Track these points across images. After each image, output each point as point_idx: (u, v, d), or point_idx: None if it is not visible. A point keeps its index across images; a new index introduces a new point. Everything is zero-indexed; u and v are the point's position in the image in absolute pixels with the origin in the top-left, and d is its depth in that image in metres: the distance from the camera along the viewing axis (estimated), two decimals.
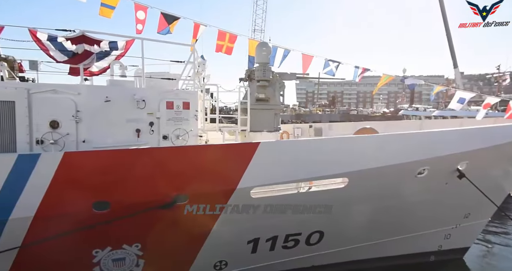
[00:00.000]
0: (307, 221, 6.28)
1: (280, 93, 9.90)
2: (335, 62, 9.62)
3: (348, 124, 14.21)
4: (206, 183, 5.21)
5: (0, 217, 4.35)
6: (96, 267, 5.16)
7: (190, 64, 7.17)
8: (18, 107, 5.10)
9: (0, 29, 5.26)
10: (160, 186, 4.99)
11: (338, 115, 55.16)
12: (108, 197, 4.78)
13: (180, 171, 5.11)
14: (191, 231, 5.43)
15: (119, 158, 4.92)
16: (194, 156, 5.30)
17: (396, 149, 5.97)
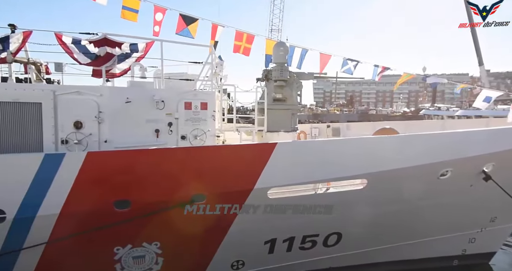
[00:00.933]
0: (325, 223, 6.21)
1: (297, 93, 9.85)
2: (354, 61, 9.47)
3: (367, 124, 13.93)
4: (224, 183, 5.25)
5: (29, 214, 4.53)
6: (117, 264, 5.30)
7: (208, 65, 7.24)
8: (45, 108, 5.31)
9: (28, 34, 5.49)
10: (178, 185, 5.07)
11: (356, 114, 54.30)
12: (129, 196, 4.90)
13: (197, 171, 5.17)
14: (209, 231, 5.48)
15: (139, 158, 5.03)
16: (211, 156, 5.35)
17: (418, 150, 5.80)
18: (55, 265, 5.00)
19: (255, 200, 5.39)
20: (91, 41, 5.78)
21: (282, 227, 5.99)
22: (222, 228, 5.56)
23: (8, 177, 4.48)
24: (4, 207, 4.43)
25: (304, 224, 6.11)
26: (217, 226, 5.50)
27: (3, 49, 5.30)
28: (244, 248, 5.94)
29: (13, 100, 5.15)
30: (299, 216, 5.88)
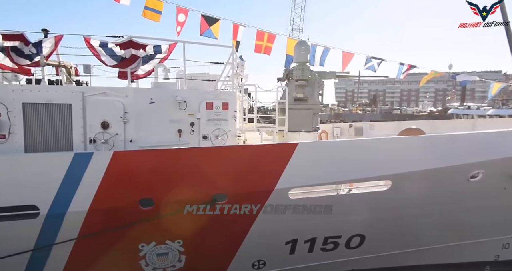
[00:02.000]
0: (347, 224, 6.09)
1: (319, 92, 9.72)
2: (378, 59, 9.23)
3: (391, 124, 13.53)
4: (245, 183, 5.26)
5: (60, 210, 4.74)
6: (142, 260, 5.44)
7: (229, 65, 7.29)
8: (74, 109, 5.54)
9: (59, 38, 5.75)
10: (200, 185, 5.14)
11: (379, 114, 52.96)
12: (152, 194, 5.02)
13: (219, 171, 5.21)
14: (230, 230, 5.52)
15: (163, 157, 5.14)
16: (232, 156, 5.38)
17: (446, 150, 5.57)
18: (83, 261, 5.20)
19: (276, 200, 5.37)
20: (117, 44, 5.98)
21: (303, 228, 5.93)
22: (243, 228, 5.58)
23: (41, 175, 4.71)
24: (38, 203, 4.65)
25: (326, 225, 6.02)
26: (238, 226, 5.53)
27: (37, 53, 5.58)
28: (265, 248, 5.93)
29: (46, 101, 5.40)
30: (321, 217, 5.80)
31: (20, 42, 5.52)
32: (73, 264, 5.18)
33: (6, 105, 5.21)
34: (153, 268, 5.53)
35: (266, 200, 5.32)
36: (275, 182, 5.25)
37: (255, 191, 5.27)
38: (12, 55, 5.46)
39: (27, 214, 4.62)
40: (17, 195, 4.61)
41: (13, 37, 5.49)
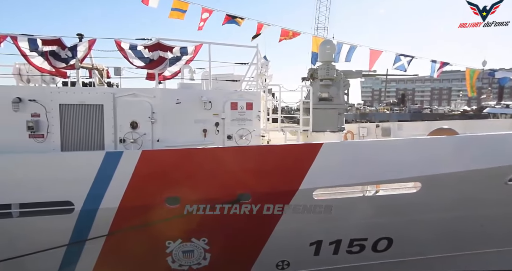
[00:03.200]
0: (373, 227, 5.93)
1: (344, 92, 9.54)
2: (407, 57, 8.89)
3: (421, 124, 13.03)
4: (269, 183, 5.27)
5: (93, 206, 4.97)
6: (169, 257, 5.59)
7: (254, 65, 7.32)
8: (106, 109, 5.79)
9: (93, 42, 6.04)
10: (224, 184, 5.20)
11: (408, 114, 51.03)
12: (179, 193, 5.14)
13: (243, 170, 5.25)
14: (254, 229, 5.55)
15: (188, 157, 5.25)
16: (256, 156, 5.40)
17: (481, 152, 5.29)
18: (114, 256, 5.41)
19: (300, 200, 5.33)
20: (145, 46, 6.18)
21: (328, 229, 5.85)
22: (267, 228, 5.58)
23: (76, 172, 4.97)
24: (72, 199, 4.90)
25: (351, 227, 5.90)
26: (262, 225, 5.54)
27: (72, 56, 5.89)
28: (289, 248, 5.90)
29: (80, 103, 5.69)
30: (346, 219, 5.69)
31: (57, 47, 5.86)
32: (104, 260, 5.40)
33: (44, 106, 5.54)
34: (179, 265, 5.66)
35: (290, 200, 5.30)
36: (299, 182, 5.21)
37: (279, 191, 5.26)
38: (50, 59, 5.79)
39: (63, 209, 4.87)
40: (54, 191, 4.88)
41: (51, 42, 5.83)
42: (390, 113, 53.48)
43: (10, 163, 4.88)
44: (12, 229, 4.86)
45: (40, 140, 5.59)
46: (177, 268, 5.68)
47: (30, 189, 4.82)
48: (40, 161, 4.99)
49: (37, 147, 5.58)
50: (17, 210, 4.82)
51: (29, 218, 4.85)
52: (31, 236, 4.91)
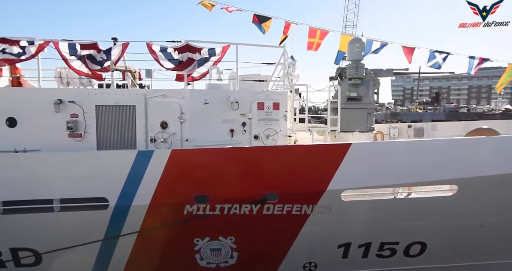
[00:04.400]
0: (405, 230, 5.71)
1: (374, 91, 9.27)
2: (443, 53, 8.47)
3: (457, 124, 12.33)
4: (295, 183, 5.23)
5: (126, 202, 5.18)
6: (197, 254, 5.70)
7: (280, 65, 7.30)
8: (138, 110, 6.02)
9: (126, 45, 6.31)
10: (251, 183, 5.23)
11: (443, 113, 48.60)
12: (207, 191, 5.24)
13: (270, 170, 5.25)
14: (281, 230, 5.53)
15: (216, 156, 5.34)
16: (283, 156, 5.38)
17: None
18: (145, 253, 5.60)
19: (328, 202, 5.24)
20: (175, 48, 6.36)
21: (356, 231, 5.71)
22: (294, 228, 5.54)
23: (110, 170, 5.20)
24: (107, 195, 5.14)
25: (382, 230, 5.72)
26: (289, 226, 5.51)
27: (106, 59, 6.18)
28: (316, 250, 5.82)
29: (114, 104, 5.96)
30: (376, 222, 5.53)
31: (94, 50, 6.18)
32: (136, 256, 5.59)
33: (82, 107, 5.85)
34: (207, 263, 5.76)
35: (317, 201, 5.23)
36: (326, 183, 5.14)
37: (306, 191, 5.21)
38: (87, 62, 6.12)
39: (99, 205, 5.12)
40: (90, 187, 5.14)
41: (88, 46, 6.16)
42: (423, 113, 51.18)
43: (52, 161, 5.21)
44: (53, 223, 5.17)
45: (78, 139, 5.91)
46: (205, 266, 5.78)
47: (69, 186, 5.11)
48: (79, 159, 5.27)
49: (76, 146, 5.90)
50: (58, 205, 5.13)
51: (68, 212, 5.14)
52: (70, 230, 5.20)
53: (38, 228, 5.11)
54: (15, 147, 5.66)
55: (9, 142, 5.65)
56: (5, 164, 5.08)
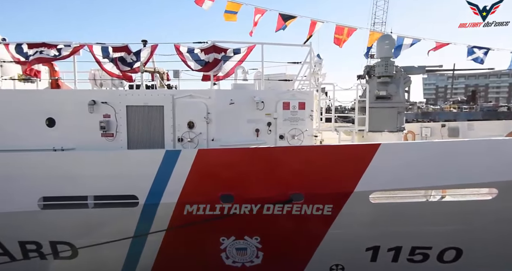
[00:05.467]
0: (438, 235, 5.44)
1: (404, 90, 8.93)
2: (482, 49, 7.97)
3: (497, 123, 11.58)
4: (321, 184, 5.14)
5: (154, 200, 5.32)
6: (223, 253, 5.76)
7: (307, 64, 7.21)
8: (166, 110, 6.17)
9: (155, 47, 6.50)
10: (277, 183, 5.19)
11: (480, 112, 45.97)
12: (232, 190, 5.27)
13: (295, 171, 5.19)
14: (307, 231, 5.46)
15: (241, 156, 5.35)
16: (309, 156, 5.30)
17: None
18: (172, 251, 5.72)
19: (355, 203, 5.11)
20: (202, 49, 6.46)
21: (386, 234, 5.51)
22: (320, 230, 5.45)
23: (140, 169, 5.37)
24: (137, 193, 5.31)
25: (413, 234, 5.49)
26: (314, 227, 5.43)
27: (136, 60, 6.39)
28: (343, 252, 5.69)
29: (143, 104, 6.15)
30: (406, 225, 5.31)
31: (125, 53, 6.41)
32: (164, 254, 5.73)
33: (114, 107, 6.09)
34: (233, 261, 5.80)
35: (344, 203, 5.11)
36: (354, 184, 5.00)
37: (333, 192, 5.10)
38: (118, 64, 6.37)
39: (129, 202, 5.30)
40: (121, 185, 5.34)
41: (120, 48, 6.41)
42: (458, 112, 48.64)
43: (87, 159, 5.46)
44: (88, 218, 5.42)
45: (110, 139, 6.16)
46: (230, 265, 5.82)
47: (102, 183, 5.34)
48: (110, 158, 5.49)
49: (108, 145, 6.15)
50: (92, 201, 5.37)
51: (101, 209, 5.36)
52: (103, 226, 5.42)
53: (74, 223, 5.38)
54: (54, 146, 5.98)
55: (48, 141, 5.98)
56: (45, 162, 5.39)
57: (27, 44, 6.35)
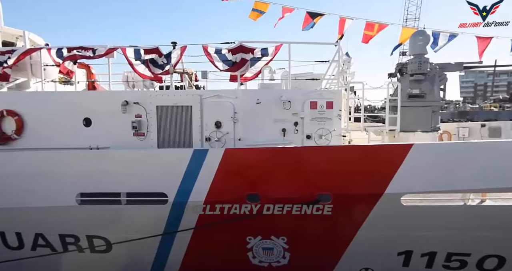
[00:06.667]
0: (477, 241, 5.13)
1: (440, 88, 8.48)
2: None
3: None
4: (350, 185, 5.02)
5: (183, 199, 5.45)
6: (250, 252, 5.78)
7: (335, 63, 7.06)
8: (194, 110, 6.29)
9: (184, 48, 6.65)
10: (303, 184, 5.13)
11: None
12: (258, 190, 5.27)
13: (323, 171, 5.10)
14: (334, 232, 5.34)
15: (268, 156, 5.35)
16: (337, 156, 5.19)
17: None
18: (200, 248, 5.82)
19: (386, 206, 4.93)
20: (229, 50, 6.52)
21: (419, 239, 5.28)
22: (349, 232, 5.32)
23: (169, 167, 5.52)
24: (167, 191, 5.46)
25: (448, 240, 5.21)
26: (343, 229, 5.31)
27: (167, 62, 6.58)
28: (373, 256, 5.52)
29: (173, 104, 6.31)
30: (441, 230, 5.05)
31: (156, 55, 6.62)
32: (192, 251, 5.84)
33: (145, 108, 6.31)
34: (259, 261, 5.81)
35: (374, 205, 4.95)
36: (384, 185, 4.84)
37: (362, 193, 4.96)
38: (150, 66, 6.58)
39: (159, 200, 5.46)
40: (152, 183, 5.52)
41: (151, 51, 6.62)
42: (499, 111, 45.50)
43: (120, 157, 5.70)
44: (121, 214, 5.66)
45: (141, 138, 6.39)
46: (257, 264, 5.83)
47: (134, 181, 5.55)
48: (142, 157, 5.70)
49: (139, 144, 6.38)
50: (124, 198, 5.59)
51: (133, 206, 5.57)
52: (135, 222, 5.64)
53: (108, 218, 5.64)
54: (90, 145, 6.31)
55: (85, 140, 6.31)
56: (82, 160, 5.70)
57: (66, 48, 6.74)
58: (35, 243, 5.99)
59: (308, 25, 8.32)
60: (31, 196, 5.59)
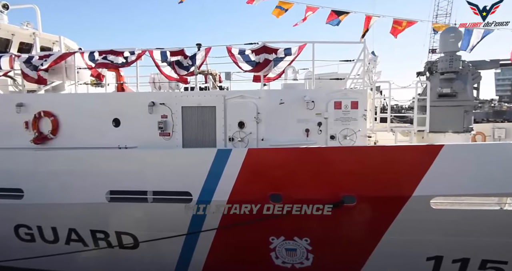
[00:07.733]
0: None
1: (473, 86, 8.08)
2: None
3: None
4: (376, 186, 4.89)
5: (206, 197, 5.53)
6: (273, 253, 5.76)
7: (360, 62, 6.90)
8: (218, 111, 6.38)
9: (208, 50, 6.76)
10: (327, 185, 5.05)
11: None
12: (281, 190, 5.25)
13: (347, 172, 5.01)
14: (359, 235, 5.22)
15: (291, 156, 5.31)
16: (362, 157, 5.07)
17: None
18: (223, 248, 5.86)
19: (414, 208, 4.76)
20: (252, 50, 6.56)
21: (450, 244, 5.04)
22: (375, 235, 5.18)
23: (193, 167, 5.63)
24: (191, 190, 5.57)
25: (482, 246, 4.94)
26: (369, 232, 5.17)
27: (192, 64, 6.72)
28: (401, 260, 5.33)
29: (197, 105, 6.43)
30: (474, 235, 4.80)
31: (181, 56, 6.78)
32: (215, 251, 5.90)
33: (170, 108, 6.47)
34: (282, 262, 5.78)
35: (401, 207, 4.79)
36: (413, 187, 4.67)
37: (389, 195, 4.82)
38: (175, 67, 6.75)
39: (184, 199, 5.58)
40: (177, 182, 5.65)
41: (177, 53, 6.79)
42: None
43: (147, 157, 5.89)
44: (147, 212, 5.84)
45: (167, 138, 6.55)
46: (280, 265, 5.81)
47: (160, 179, 5.70)
48: (168, 156, 5.85)
49: (165, 144, 6.55)
50: (151, 196, 5.76)
51: (159, 204, 5.73)
52: (160, 220, 5.79)
53: (135, 215, 5.83)
54: (119, 144, 6.55)
55: (114, 140, 6.57)
56: (112, 158, 5.93)
57: (98, 52, 7.05)
58: (68, 238, 6.30)
59: (334, 20, 8.19)
60: (66, 192, 5.90)
